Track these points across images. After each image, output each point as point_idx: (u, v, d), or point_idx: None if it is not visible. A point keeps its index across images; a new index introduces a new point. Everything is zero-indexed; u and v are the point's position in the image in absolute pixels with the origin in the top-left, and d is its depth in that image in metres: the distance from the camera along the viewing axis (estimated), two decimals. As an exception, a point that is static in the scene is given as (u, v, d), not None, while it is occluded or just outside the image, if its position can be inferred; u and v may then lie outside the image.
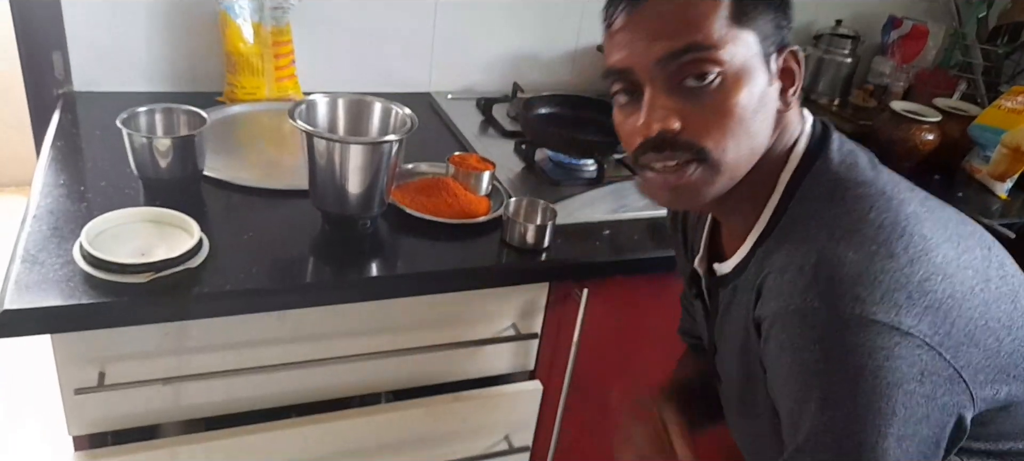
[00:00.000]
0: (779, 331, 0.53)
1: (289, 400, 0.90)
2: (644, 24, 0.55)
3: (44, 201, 0.86)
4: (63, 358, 0.76)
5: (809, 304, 0.51)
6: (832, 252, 0.52)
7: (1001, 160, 1.31)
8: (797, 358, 0.51)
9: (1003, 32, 1.65)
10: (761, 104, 0.56)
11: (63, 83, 1.17)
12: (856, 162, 0.59)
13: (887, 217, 0.53)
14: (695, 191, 0.57)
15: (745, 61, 0.54)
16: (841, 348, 0.49)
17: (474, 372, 0.99)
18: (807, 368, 0.51)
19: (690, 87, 0.54)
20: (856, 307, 0.49)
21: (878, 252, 0.51)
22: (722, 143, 0.55)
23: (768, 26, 0.56)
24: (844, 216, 0.54)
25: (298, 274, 0.81)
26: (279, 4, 1.19)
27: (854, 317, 0.49)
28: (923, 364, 0.49)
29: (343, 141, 0.84)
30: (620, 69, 0.57)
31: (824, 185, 0.57)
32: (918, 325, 0.49)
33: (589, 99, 1.26)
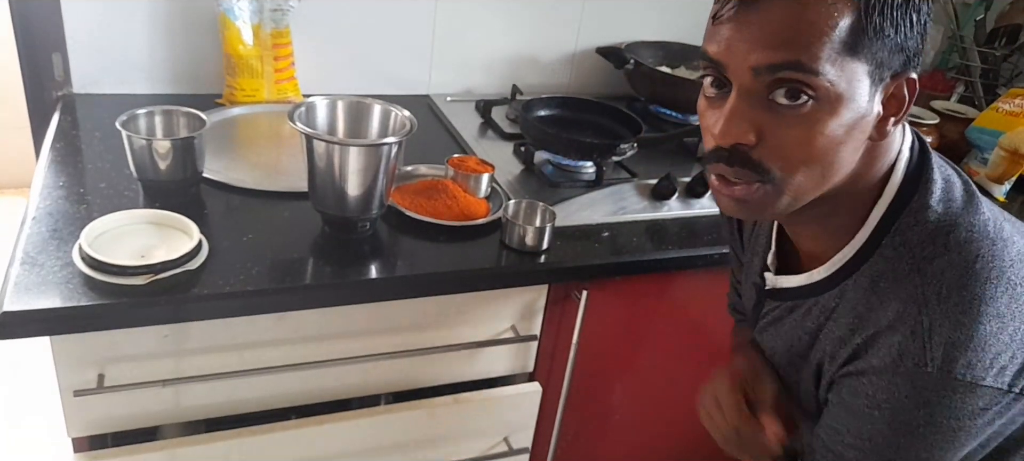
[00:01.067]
0: (880, 386, 0.55)
1: (289, 401, 0.90)
2: (752, 26, 0.51)
3: (43, 203, 0.86)
4: (62, 360, 0.76)
5: (922, 369, 0.52)
6: (943, 317, 0.52)
7: (999, 163, 1.32)
8: (896, 416, 0.54)
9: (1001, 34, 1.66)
10: (849, 135, 0.52)
11: (62, 85, 1.17)
12: (954, 195, 0.57)
13: (993, 269, 0.53)
14: (758, 208, 0.56)
15: (846, 91, 0.51)
16: (947, 411, 0.53)
17: (474, 374, 0.99)
18: (906, 427, 0.54)
19: (778, 103, 0.51)
20: (968, 374, 0.52)
21: (986, 312, 0.52)
22: (792, 170, 0.53)
23: (886, 52, 0.51)
24: (949, 270, 0.53)
25: (298, 276, 0.81)
26: (278, 6, 1.19)
27: (964, 383, 0.52)
28: (1012, 409, 0.54)
29: (343, 143, 0.84)
30: (715, 60, 0.54)
31: (925, 227, 0.55)
32: (1019, 381, 0.53)
33: (588, 101, 1.26)
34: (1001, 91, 1.60)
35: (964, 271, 0.53)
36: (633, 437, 1.21)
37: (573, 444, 1.15)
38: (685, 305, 1.09)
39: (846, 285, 0.58)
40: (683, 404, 1.21)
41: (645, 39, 1.50)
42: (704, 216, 1.09)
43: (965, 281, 0.53)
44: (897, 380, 0.53)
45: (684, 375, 1.17)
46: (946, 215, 0.55)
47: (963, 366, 0.52)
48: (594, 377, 1.09)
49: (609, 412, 1.16)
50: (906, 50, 0.52)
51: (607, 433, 1.19)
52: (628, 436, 1.21)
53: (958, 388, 0.52)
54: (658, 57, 1.49)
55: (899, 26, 0.51)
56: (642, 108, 1.43)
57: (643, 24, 1.51)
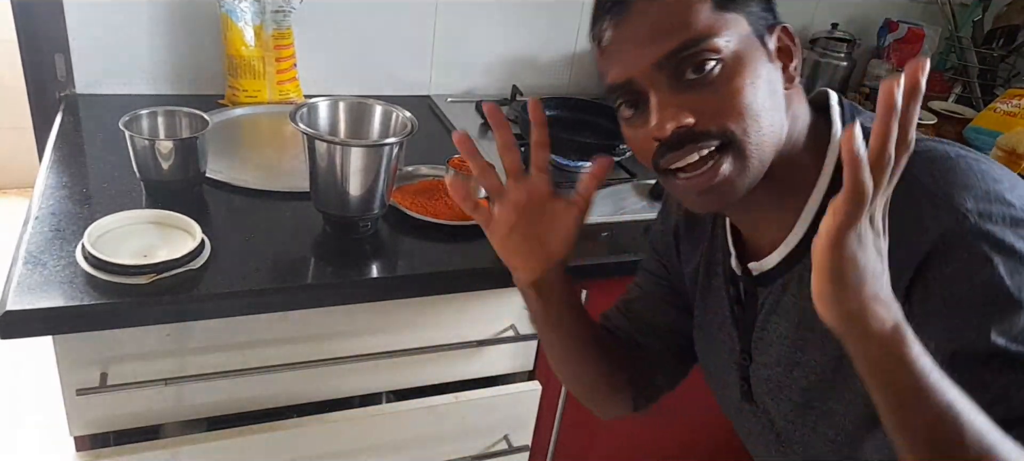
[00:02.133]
0: (949, 271, 0.50)
1: (290, 400, 0.90)
2: (632, 33, 0.54)
3: (46, 203, 0.87)
4: (65, 359, 0.76)
5: (965, 223, 0.49)
6: (948, 185, 0.51)
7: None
8: (987, 279, 0.48)
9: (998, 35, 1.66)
10: (767, 84, 0.54)
11: (65, 85, 1.18)
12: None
13: (960, 152, 0.53)
14: (728, 187, 0.54)
15: (740, 43, 0.54)
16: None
17: (474, 372, 1.00)
18: (1010, 277, 0.48)
19: (692, 79, 0.53)
20: (1010, 196, 0.50)
21: (979, 168, 0.52)
22: (742, 124, 0.53)
23: (755, 5, 0.55)
24: (927, 164, 0.53)
25: (299, 275, 0.82)
26: (280, 7, 1.19)
27: (1011, 204, 0.49)
28: None
29: (344, 144, 0.84)
30: (620, 83, 0.56)
31: None
32: None
33: (588, 102, 1.27)
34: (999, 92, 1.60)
35: (941, 159, 0.53)
36: (632, 436, 1.22)
37: (572, 442, 1.15)
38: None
39: None
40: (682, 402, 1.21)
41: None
42: (703, 216, 1.09)
43: (948, 164, 0.53)
44: (954, 247, 0.49)
45: (683, 374, 1.18)
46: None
47: (999, 213, 0.49)
48: (594, 376, 1.09)
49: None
50: (768, 2, 0.56)
51: (606, 431, 1.19)
52: (627, 435, 1.21)
53: (1008, 231, 0.49)
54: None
55: None
56: (641, 109, 1.43)
57: (642, 25, 1.51)
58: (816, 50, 1.63)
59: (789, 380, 0.63)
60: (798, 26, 1.67)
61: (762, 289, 0.63)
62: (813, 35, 1.66)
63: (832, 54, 1.62)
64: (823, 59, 1.63)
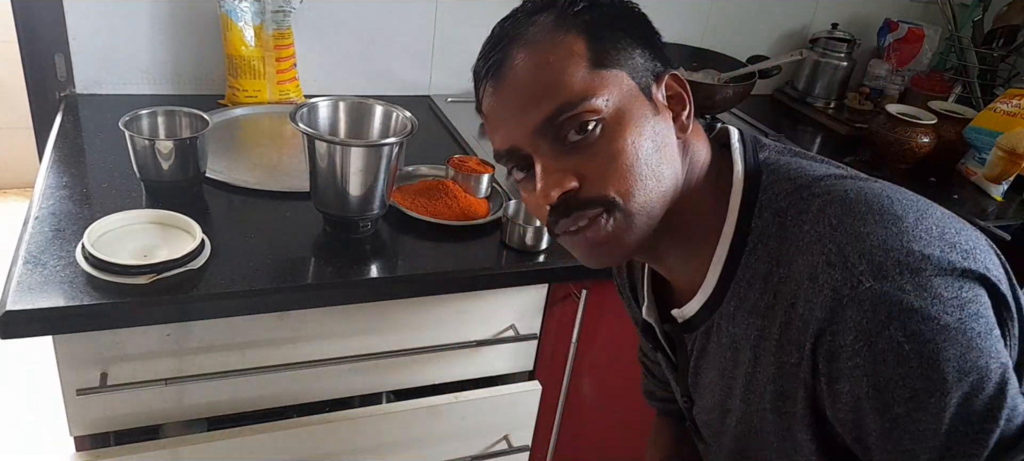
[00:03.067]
0: (839, 334, 0.48)
1: (290, 400, 0.90)
2: (510, 99, 0.54)
3: (46, 203, 0.87)
4: (65, 359, 0.76)
5: (858, 289, 0.47)
6: (845, 237, 0.49)
7: (996, 163, 1.32)
8: (875, 348, 0.47)
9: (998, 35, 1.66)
10: (654, 138, 0.54)
11: (65, 85, 1.18)
12: (793, 160, 0.57)
13: (863, 192, 0.51)
14: (615, 243, 0.55)
15: (621, 101, 0.53)
16: (916, 315, 0.46)
17: (474, 372, 1.00)
18: (893, 354, 0.47)
19: (575, 142, 0.53)
20: (904, 270, 0.47)
21: (880, 217, 0.49)
22: (624, 187, 0.53)
23: (636, 59, 0.54)
24: (826, 207, 0.51)
25: (299, 275, 0.82)
26: (280, 7, 1.19)
27: (910, 279, 0.46)
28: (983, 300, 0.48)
29: (344, 144, 0.84)
30: (505, 150, 0.56)
31: (784, 189, 0.54)
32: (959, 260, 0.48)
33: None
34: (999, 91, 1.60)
35: (842, 202, 0.51)
36: (632, 435, 1.22)
37: (573, 442, 1.15)
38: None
39: (739, 276, 0.55)
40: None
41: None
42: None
43: (847, 207, 0.50)
44: (847, 315, 0.48)
45: (683, 374, 1.18)
46: (799, 177, 0.54)
47: (893, 265, 0.47)
48: (594, 375, 1.09)
49: (608, 410, 1.16)
50: (651, 54, 0.55)
51: (606, 431, 1.19)
52: (627, 434, 1.21)
53: (905, 286, 0.46)
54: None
55: (627, 28, 0.55)
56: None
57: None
58: (816, 50, 1.63)
59: (723, 426, 0.63)
60: (798, 26, 1.67)
61: (688, 336, 0.63)
62: (813, 35, 1.66)
63: (832, 54, 1.62)
64: (823, 59, 1.63)
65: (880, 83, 1.70)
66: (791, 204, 0.53)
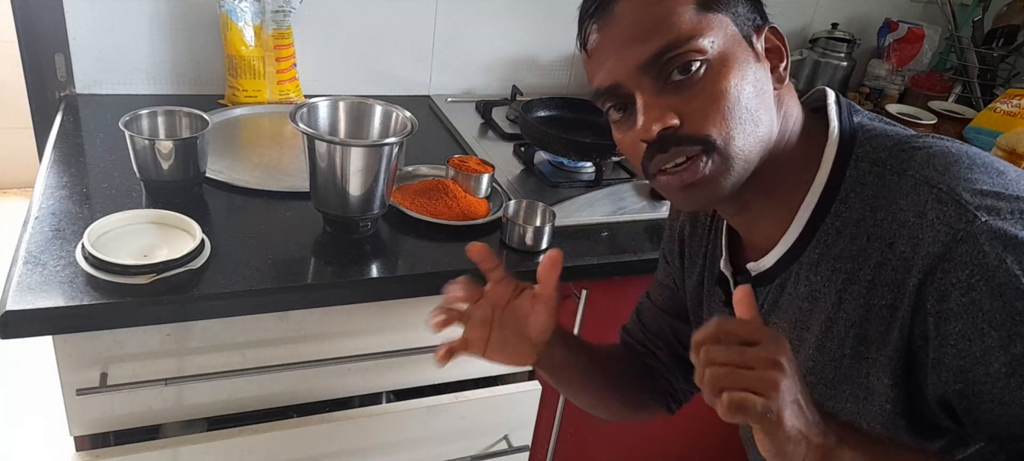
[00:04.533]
0: (956, 274, 0.48)
1: (290, 400, 0.90)
2: (617, 36, 0.54)
3: (46, 203, 0.87)
4: (65, 359, 0.76)
5: (974, 224, 0.48)
6: (954, 179, 0.50)
7: (996, 162, 1.32)
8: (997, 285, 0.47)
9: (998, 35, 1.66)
10: (754, 84, 0.54)
11: (65, 85, 1.18)
12: (888, 125, 0.58)
13: (966, 150, 0.53)
14: (711, 185, 0.54)
15: (726, 44, 0.53)
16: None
17: (474, 372, 1.00)
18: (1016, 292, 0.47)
19: (678, 81, 0.53)
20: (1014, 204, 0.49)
21: (985, 163, 0.51)
22: (725, 129, 0.53)
23: (740, 8, 0.55)
24: (931, 159, 0.52)
25: (299, 275, 0.82)
26: (280, 7, 1.19)
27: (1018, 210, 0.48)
28: None
29: (344, 144, 0.84)
30: (607, 87, 0.56)
31: (883, 144, 0.55)
32: None
33: (587, 102, 1.27)
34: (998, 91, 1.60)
35: (945, 154, 0.52)
36: (632, 435, 1.22)
37: (572, 442, 1.15)
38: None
39: (826, 225, 0.56)
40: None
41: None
42: (703, 216, 1.10)
43: (952, 158, 0.52)
44: (962, 250, 0.48)
45: (683, 374, 1.18)
46: (897, 135, 0.56)
47: (1006, 205, 0.48)
48: (594, 376, 1.09)
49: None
50: (755, 3, 0.56)
51: (606, 431, 1.19)
52: (627, 434, 1.21)
53: (1020, 223, 0.48)
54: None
55: None
56: (641, 109, 1.43)
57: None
58: (816, 50, 1.63)
59: (824, 362, 0.61)
60: (798, 26, 1.67)
61: (760, 289, 0.63)
62: (813, 35, 1.66)
63: (832, 54, 1.62)
64: (823, 59, 1.63)
65: (880, 83, 1.70)
66: (891, 156, 0.54)
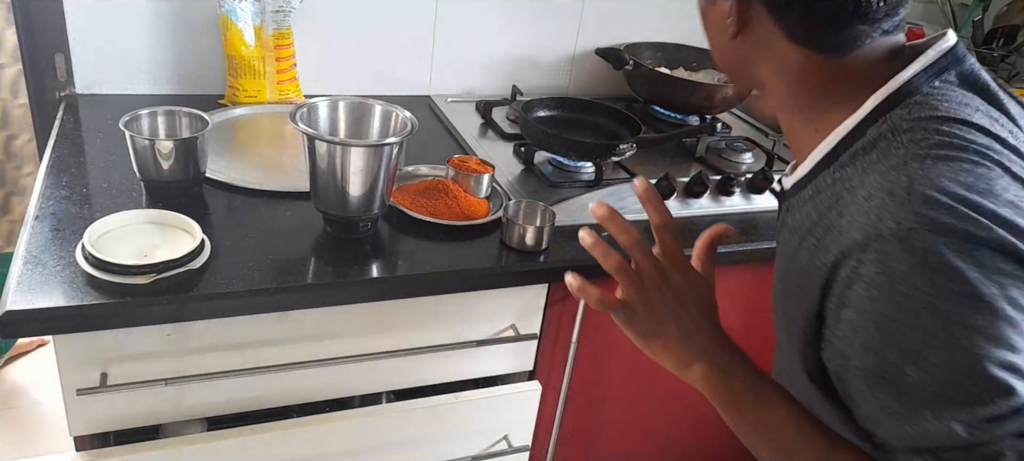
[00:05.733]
0: (868, 261, 0.48)
1: (290, 400, 0.90)
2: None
3: (47, 203, 0.87)
4: (65, 359, 0.76)
5: (903, 226, 0.47)
6: (923, 174, 0.48)
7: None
8: (895, 289, 0.47)
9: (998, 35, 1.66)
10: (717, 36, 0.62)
11: (65, 85, 1.18)
12: (965, 96, 0.53)
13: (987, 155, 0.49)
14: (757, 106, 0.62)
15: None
16: (948, 271, 0.45)
17: (474, 372, 1.00)
18: (909, 301, 0.46)
19: None
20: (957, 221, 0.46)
21: (971, 169, 0.48)
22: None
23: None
24: (936, 147, 0.49)
25: (299, 275, 0.82)
26: (280, 7, 1.19)
27: (953, 230, 0.46)
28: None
29: (344, 143, 0.84)
30: None
31: (917, 114, 0.52)
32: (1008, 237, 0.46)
33: (588, 102, 1.27)
34: (999, 92, 1.60)
35: (949, 146, 0.49)
36: (632, 435, 1.22)
37: (573, 442, 1.15)
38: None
39: (829, 171, 0.56)
40: (682, 403, 1.21)
41: (644, 40, 1.50)
42: (703, 216, 1.10)
43: (949, 155, 0.49)
44: (881, 247, 0.47)
45: (683, 374, 1.18)
46: (940, 109, 0.52)
47: (950, 221, 0.46)
48: (593, 376, 1.09)
49: (608, 410, 1.16)
50: None
51: (606, 431, 1.19)
52: (627, 434, 1.21)
53: (953, 245, 0.45)
54: (657, 58, 1.50)
55: None
56: (641, 109, 1.43)
57: (642, 25, 1.51)
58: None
59: (779, 295, 0.64)
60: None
61: (782, 205, 0.65)
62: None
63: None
64: (823, 59, 1.62)
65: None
66: (909, 128, 0.52)
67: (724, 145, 1.29)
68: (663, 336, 0.59)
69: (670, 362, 0.60)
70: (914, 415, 0.48)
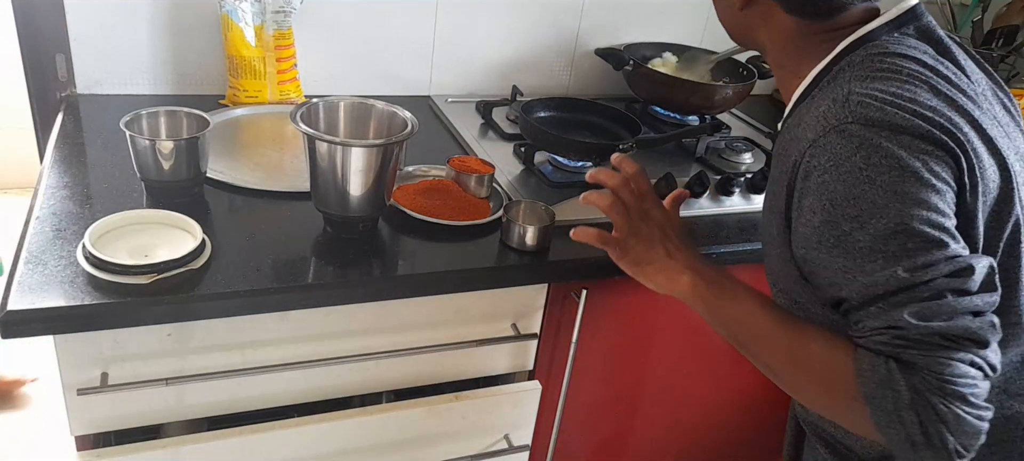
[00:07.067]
0: (820, 154, 0.60)
1: (291, 400, 0.90)
2: None
3: (47, 203, 0.87)
4: (66, 359, 0.76)
5: (845, 123, 0.59)
6: (861, 85, 0.60)
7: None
8: (839, 169, 0.58)
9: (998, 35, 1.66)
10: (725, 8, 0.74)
11: (66, 85, 1.18)
12: (917, 43, 0.65)
13: (915, 72, 0.62)
14: None
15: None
16: (881, 153, 0.57)
17: (474, 372, 1.00)
18: (851, 177, 0.57)
19: None
20: (885, 116, 0.58)
21: (902, 80, 0.61)
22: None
23: None
24: (877, 72, 0.62)
25: (300, 275, 0.82)
26: (281, 8, 1.19)
27: (885, 123, 0.57)
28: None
29: (344, 144, 0.84)
30: None
31: (871, 52, 0.64)
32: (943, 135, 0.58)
33: (587, 102, 1.27)
34: (999, 92, 1.60)
35: (886, 69, 0.62)
36: (632, 435, 1.22)
37: (573, 441, 1.15)
38: (684, 304, 1.10)
39: (803, 106, 0.68)
40: (682, 402, 1.22)
41: (644, 41, 1.51)
42: (703, 216, 1.10)
43: (884, 72, 0.61)
44: (828, 140, 0.59)
45: (682, 373, 1.18)
46: (889, 48, 0.64)
47: (880, 117, 0.58)
48: (593, 375, 1.10)
49: (608, 410, 1.16)
50: None
51: (606, 431, 1.19)
52: (627, 434, 1.21)
53: (883, 132, 0.57)
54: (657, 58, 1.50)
55: None
56: (641, 109, 1.44)
57: (642, 26, 1.51)
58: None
59: (764, 210, 0.74)
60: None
61: (775, 144, 0.76)
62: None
63: (832, 54, 1.61)
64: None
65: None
66: (861, 62, 0.64)
67: (724, 145, 1.29)
68: (653, 260, 0.74)
69: (663, 281, 0.74)
70: (865, 268, 0.58)
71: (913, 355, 0.55)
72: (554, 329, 1.02)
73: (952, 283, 0.55)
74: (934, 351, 0.55)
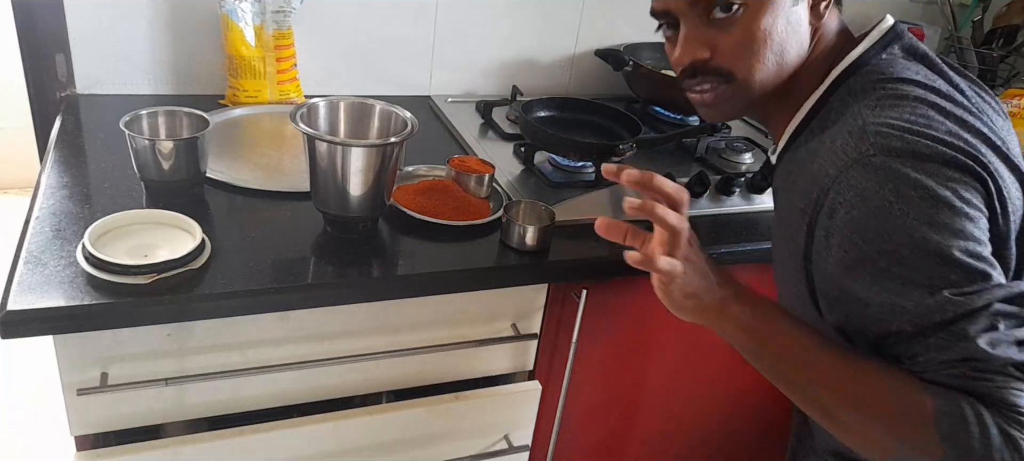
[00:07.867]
0: (840, 192, 0.58)
1: (291, 400, 0.90)
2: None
3: (47, 203, 0.87)
4: (65, 359, 0.76)
5: (866, 156, 0.57)
6: (875, 116, 0.59)
7: (996, 162, 1.32)
8: (867, 205, 0.56)
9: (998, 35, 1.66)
10: (787, 24, 0.65)
11: (66, 85, 1.18)
12: (909, 63, 0.65)
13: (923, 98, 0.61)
14: (725, 106, 0.68)
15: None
16: (909, 184, 0.55)
17: (474, 372, 1.00)
18: (880, 212, 0.56)
19: (719, 18, 0.64)
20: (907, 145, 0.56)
21: (917, 109, 0.59)
22: (748, 66, 0.65)
23: None
24: (885, 98, 0.61)
25: (299, 275, 0.82)
26: (281, 8, 1.19)
27: (907, 153, 0.56)
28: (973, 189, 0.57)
29: (344, 144, 0.84)
30: (660, 11, 0.69)
31: (870, 79, 0.64)
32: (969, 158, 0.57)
33: (587, 102, 1.27)
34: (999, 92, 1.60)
35: (895, 96, 0.61)
36: (632, 435, 1.22)
37: (573, 441, 1.15)
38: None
39: (802, 137, 0.68)
40: (682, 402, 1.21)
41: (644, 41, 1.51)
42: (703, 216, 1.10)
43: (896, 101, 0.60)
44: (851, 175, 0.57)
45: (683, 373, 1.18)
46: (889, 72, 0.64)
47: (901, 146, 0.56)
48: (594, 375, 1.09)
49: (608, 410, 1.16)
50: None
51: (606, 431, 1.19)
52: (627, 434, 1.21)
53: (908, 163, 0.56)
54: (656, 58, 1.50)
55: None
56: (641, 109, 1.43)
57: (642, 26, 1.51)
58: (816, 50, 1.63)
59: (776, 248, 0.74)
60: (798, 26, 1.67)
61: (772, 175, 0.76)
62: (813, 35, 1.66)
63: (832, 54, 1.62)
64: (823, 59, 1.62)
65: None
66: (863, 89, 0.63)
67: (724, 145, 1.29)
68: (698, 294, 0.63)
69: (712, 311, 0.63)
70: (912, 296, 0.55)
71: (988, 387, 0.52)
72: (554, 329, 1.02)
73: (1008, 309, 0.54)
74: (1010, 382, 0.52)
